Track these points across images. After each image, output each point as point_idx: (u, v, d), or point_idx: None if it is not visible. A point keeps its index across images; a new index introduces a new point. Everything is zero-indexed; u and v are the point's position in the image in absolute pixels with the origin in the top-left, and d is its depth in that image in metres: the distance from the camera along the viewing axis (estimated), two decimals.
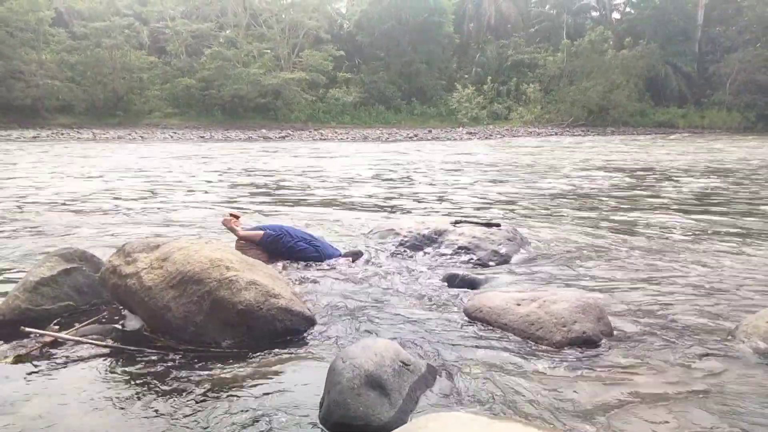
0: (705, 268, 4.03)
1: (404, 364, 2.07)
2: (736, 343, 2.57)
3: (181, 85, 36.96)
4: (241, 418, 1.94)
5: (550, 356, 2.46)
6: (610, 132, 36.64)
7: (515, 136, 32.38)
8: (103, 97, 35.32)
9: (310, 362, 2.41)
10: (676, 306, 3.12)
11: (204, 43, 38.83)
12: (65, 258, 3.08)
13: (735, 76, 39.56)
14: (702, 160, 15.87)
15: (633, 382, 2.21)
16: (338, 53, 40.39)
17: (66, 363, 2.40)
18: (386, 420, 1.84)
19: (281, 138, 29.31)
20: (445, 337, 2.68)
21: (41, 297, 2.89)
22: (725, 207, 7.36)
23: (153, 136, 28.43)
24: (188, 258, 2.69)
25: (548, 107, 41.43)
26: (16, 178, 10.51)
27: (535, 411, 1.99)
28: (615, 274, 3.85)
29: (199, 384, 2.19)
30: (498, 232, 4.55)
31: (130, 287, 2.70)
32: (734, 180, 10.73)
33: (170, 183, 10.01)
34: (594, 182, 10.47)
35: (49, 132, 28.78)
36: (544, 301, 2.80)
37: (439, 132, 34.58)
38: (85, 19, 36.53)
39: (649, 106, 42.18)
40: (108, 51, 35.55)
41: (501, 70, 44.55)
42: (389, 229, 4.81)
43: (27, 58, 33.79)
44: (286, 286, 2.93)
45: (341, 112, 40.26)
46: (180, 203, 7.62)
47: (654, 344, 2.59)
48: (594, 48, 40.76)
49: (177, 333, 2.60)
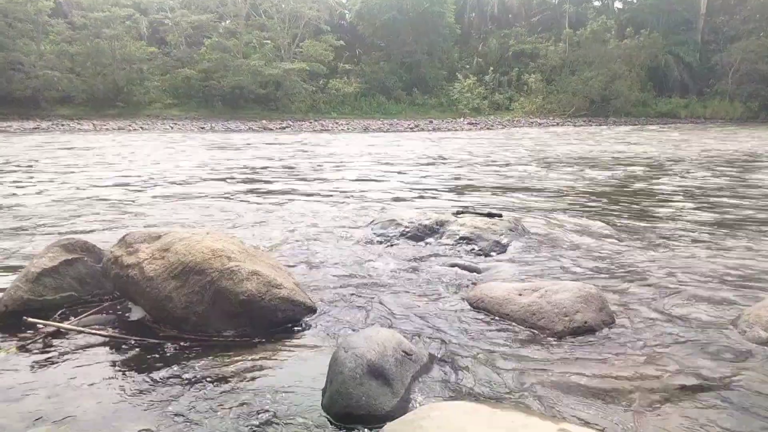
0: (707, 258, 4.03)
1: (406, 353, 2.08)
2: (738, 332, 2.57)
3: (181, 76, 36.83)
4: (243, 407, 1.94)
5: (551, 346, 2.47)
6: (611, 122, 36.50)
7: (516, 127, 32.28)
8: (103, 88, 35.19)
9: (312, 352, 2.41)
10: (678, 296, 3.12)
11: (204, 33, 38.66)
12: (67, 249, 3.07)
13: (738, 66, 39.38)
14: (708, 150, 15.83)
15: (635, 372, 2.21)
16: (338, 43, 40.20)
17: (69, 353, 2.41)
18: (388, 409, 1.85)
19: (281, 129, 29.24)
20: (446, 326, 2.69)
21: (43, 287, 2.90)
22: (730, 197, 7.35)
23: (153, 127, 28.37)
24: (190, 248, 2.69)
25: (550, 97, 41.31)
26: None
27: (537, 400, 2.00)
28: (617, 264, 3.85)
29: (202, 373, 2.20)
30: (500, 222, 4.55)
31: (132, 278, 2.70)
32: (739, 171, 10.70)
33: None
34: (597, 173, 10.45)
35: (49, 123, 28.71)
36: (546, 291, 2.80)
37: (440, 122, 34.49)
38: (84, 10, 36.32)
39: (651, 97, 42.00)
40: (108, 42, 35.39)
41: (502, 61, 44.38)
42: (390, 219, 4.81)
43: (26, 49, 33.66)
44: (288, 276, 2.93)
45: (342, 102, 40.14)
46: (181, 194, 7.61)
47: (655, 334, 2.59)
48: (596, 38, 40.57)
49: (179, 323, 2.61)
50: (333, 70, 41.07)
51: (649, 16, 43.27)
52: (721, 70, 40.97)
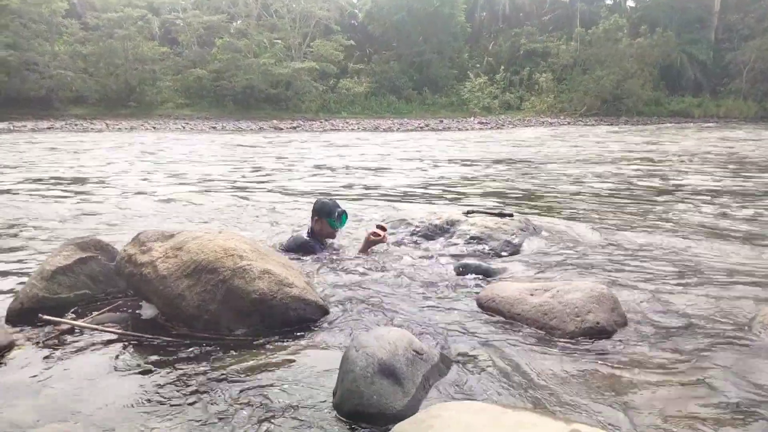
0: (721, 258, 3.99)
1: (417, 353, 2.08)
2: (753, 334, 2.54)
3: (193, 76, 37.09)
4: (255, 405, 1.96)
5: (563, 346, 2.45)
6: (623, 121, 36.20)
7: (528, 126, 32.13)
8: (115, 88, 35.53)
9: (323, 350, 2.42)
10: (691, 297, 3.09)
11: (215, 34, 38.87)
12: (81, 247, 3.11)
13: (752, 64, 38.89)
14: (722, 150, 15.66)
15: (647, 373, 2.19)
16: (348, 43, 40.22)
17: (82, 350, 2.44)
18: (399, 408, 1.85)
19: (292, 128, 29.32)
20: (457, 326, 2.68)
21: (58, 285, 2.93)
22: (743, 198, 7.27)
23: (165, 127, 28.57)
24: (202, 247, 2.71)
25: (561, 97, 41.02)
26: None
27: (548, 401, 1.99)
28: (629, 264, 3.82)
29: (214, 371, 2.21)
30: (510, 222, 4.53)
31: (146, 276, 2.72)
32: (753, 171, 10.58)
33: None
34: (608, 172, 10.38)
35: (62, 123, 29.02)
36: (558, 291, 2.78)
37: (450, 122, 34.41)
38: (97, 11, 36.68)
39: (663, 95, 41.58)
40: (120, 42, 35.71)
41: (513, 60, 44.13)
42: (401, 219, 4.81)
43: (41, 50, 34.04)
44: (299, 275, 2.94)
45: (352, 102, 40.17)
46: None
47: (668, 335, 2.57)
48: (608, 36, 40.22)
49: (191, 321, 2.63)
50: (343, 70, 41.11)
51: (661, 14, 42.80)
52: (735, 68, 40.47)
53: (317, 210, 4.06)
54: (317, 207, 4.07)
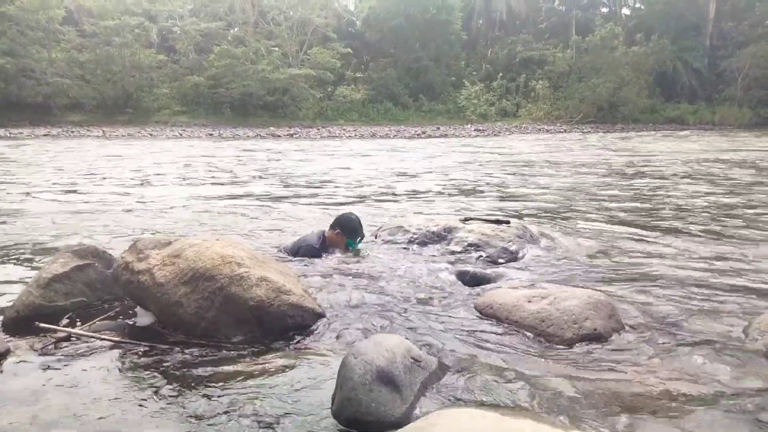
0: (718, 266, 4.00)
1: (415, 360, 2.08)
2: (749, 341, 2.55)
3: (190, 83, 37.09)
4: (252, 413, 1.95)
5: (560, 353, 2.46)
6: (619, 129, 36.35)
7: (524, 133, 32.24)
8: (112, 95, 35.53)
9: (321, 358, 2.42)
10: (688, 304, 3.10)
11: (213, 41, 38.94)
12: (78, 254, 3.10)
13: (747, 71, 39.13)
14: (720, 158, 15.74)
15: (644, 380, 2.20)
16: (345, 50, 40.34)
17: (80, 358, 2.43)
18: (398, 416, 1.84)
19: (289, 136, 29.35)
20: (455, 333, 2.68)
21: (54, 293, 2.92)
22: (742, 206, 7.30)
23: (162, 134, 28.56)
24: (200, 254, 2.71)
25: (557, 104, 41.20)
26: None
27: (546, 407, 1.99)
28: (626, 271, 3.83)
29: (211, 378, 2.21)
30: (508, 229, 4.54)
31: (143, 283, 2.72)
32: (751, 180, 10.63)
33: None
34: (605, 180, 10.42)
35: (59, 130, 28.99)
36: (555, 297, 2.79)
37: (447, 129, 34.50)
38: (95, 18, 36.72)
39: (659, 103, 41.81)
40: (118, 49, 35.75)
41: (510, 67, 44.32)
42: (398, 226, 4.81)
43: (38, 57, 34.07)
44: (296, 282, 2.94)
45: (349, 109, 40.25)
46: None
47: (665, 342, 2.57)
48: (603, 44, 40.44)
49: (189, 329, 2.62)
50: (340, 78, 41.21)
51: (657, 22, 43.07)
52: (730, 75, 40.71)
53: (342, 224, 4.03)
54: (344, 222, 4.04)
